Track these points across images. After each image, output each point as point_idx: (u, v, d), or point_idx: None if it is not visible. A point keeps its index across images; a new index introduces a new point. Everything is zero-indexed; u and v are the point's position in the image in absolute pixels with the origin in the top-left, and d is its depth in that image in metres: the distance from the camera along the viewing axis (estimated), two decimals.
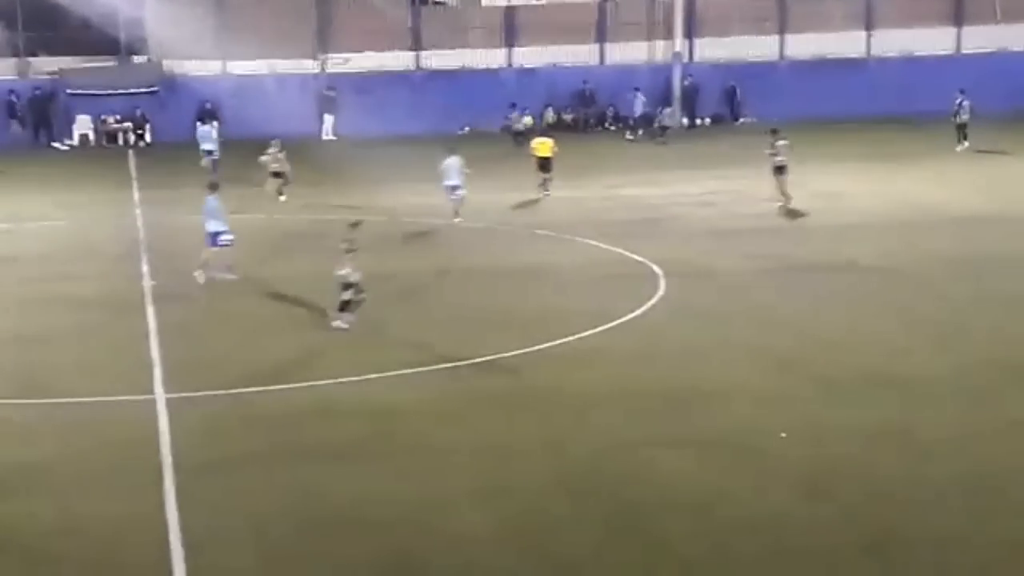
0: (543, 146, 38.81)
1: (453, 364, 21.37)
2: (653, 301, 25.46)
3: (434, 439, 18.04)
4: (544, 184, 38.36)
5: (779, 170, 35.59)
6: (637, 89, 55.72)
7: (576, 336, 22.96)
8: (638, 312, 24.66)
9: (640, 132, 54.13)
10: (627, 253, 29.86)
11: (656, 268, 28.01)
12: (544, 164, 38.43)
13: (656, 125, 53.05)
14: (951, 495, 15.64)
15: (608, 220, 34.20)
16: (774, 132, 36.41)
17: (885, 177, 41.07)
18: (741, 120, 57.58)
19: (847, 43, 59.28)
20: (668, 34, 57.98)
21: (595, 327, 23.46)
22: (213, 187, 28.38)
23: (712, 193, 38.46)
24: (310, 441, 18.02)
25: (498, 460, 17.20)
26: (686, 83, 57.45)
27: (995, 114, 50.34)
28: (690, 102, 57.74)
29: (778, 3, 59.55)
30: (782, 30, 59.58)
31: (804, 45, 58.94)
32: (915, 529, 14.71)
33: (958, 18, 59.83)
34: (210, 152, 43.63)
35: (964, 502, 15.43)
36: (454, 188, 33.82)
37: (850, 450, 17.17)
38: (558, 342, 22.59)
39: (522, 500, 15.87)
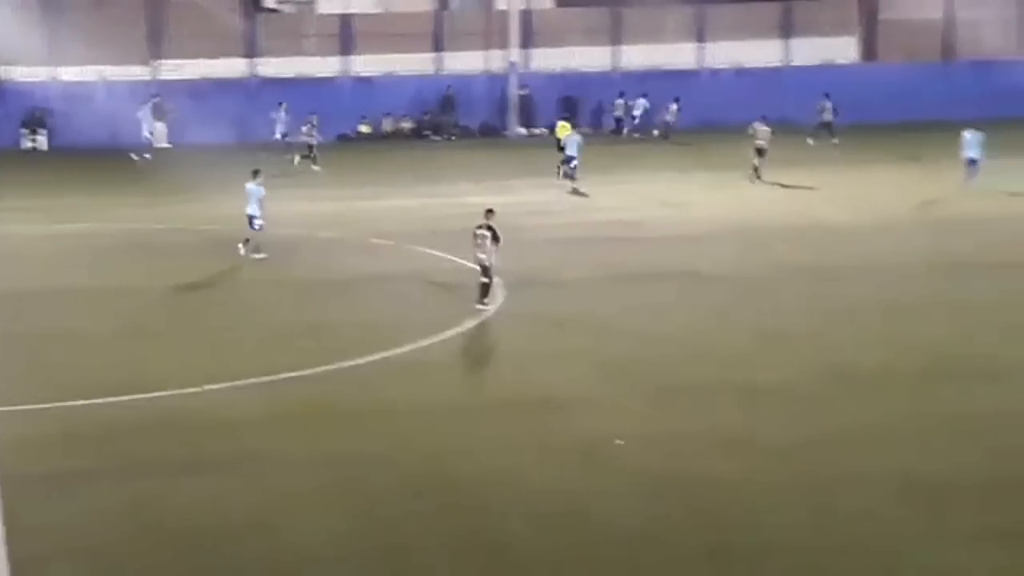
0: (563, 129, 43.57)
1: (291, 375, 21.09)
2: (490, 310, 25.49)
3: (272, 450, 17.78)
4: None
5: (759, 152, 40.77)
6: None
7: (414, 345, 22.85)
8: (475, 321, 24.66)
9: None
10: (466, 263, 29.83)
11: (496, 277, 28.05)
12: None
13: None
14: (788, 501, 15.87)
15: (447, 229, 34.08)
16: (763, 119, 42.03)
17: (725, 187, 41.66)
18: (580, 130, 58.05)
19: (679, 54, 60.26)
20: (504, 44, 58.27)
21: (434, 336, 23.38)
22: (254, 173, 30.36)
23: (553, 202, 38.71)
24: (143, 454, 17.63)
25: (339, 470, 17.01)
26: (522, 93, 57.77)
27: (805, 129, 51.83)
28: (527, 111, 58.09)
29: (612, 15, 60.26)
30: (616, 41, 60.30)
31: (638, 56, 59.71)
32: (754, 535, 14.89)
33: (786, 31, 61.26)
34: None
35: (801, 507, 15.67)
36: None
37: (688, 457, 17.33)
38: (396, 351, 22.45)
39: (365, 509, 15.73)
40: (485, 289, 25.18)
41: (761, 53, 60.36)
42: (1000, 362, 21.38)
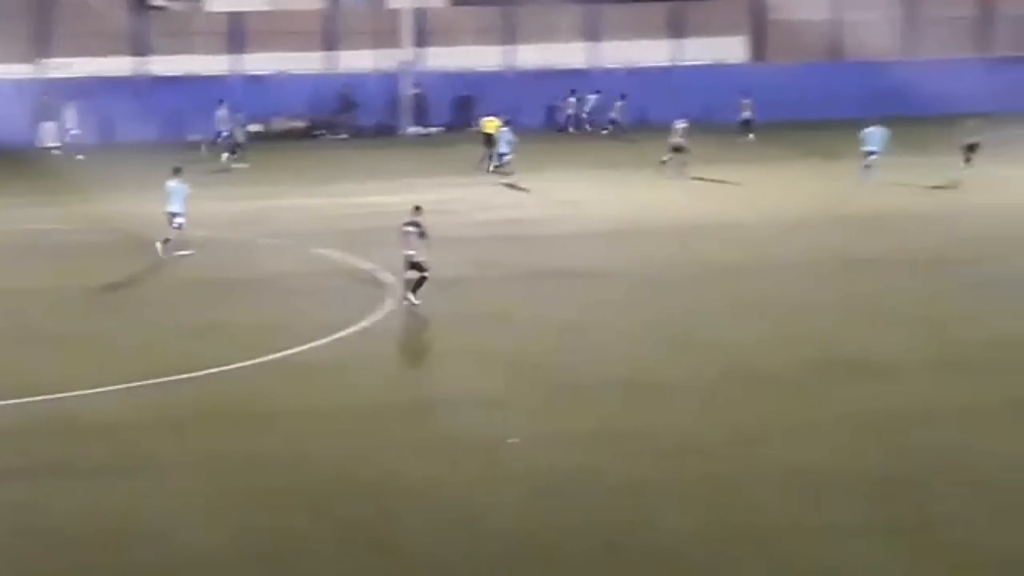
0: (490, 124, 44.46)
1: (181, 376, 20.83)
2: (385, 310, 25.41)
3: (160, 454, 17.55)
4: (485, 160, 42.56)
5: (676, 149, 42.16)
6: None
7: (307, 346, 22.69)
8: (371, 321, 24.55)
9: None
10: (361, 262, 29.72)
11: (389, 277, 27.98)
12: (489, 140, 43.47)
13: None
14: (684, 497, 15.99)
15: (341, 229, 33.98)
16: (683, 117, 42.90)
17: (620, 185, 41.87)
18: (472, 129, 58.06)
19: (572, 54, 60.55)
20: (398, 43, 58.10)
21: (326, 337, 23.24)
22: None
23: (450, 201, 38.65)
24: (26, 457, 17.34)
25: (228, 473, 16.86)
26: (416, 92, 57.66)
27: (716, 125, 52.26)
28: (421, 111, 57.99)
29: (505, 14, 60.38)
30: (510, 41, 60.43)
31: (532, 55, 59.90)
32: (650, 532, 14.97)
33: (677, 31, 61.83)
34: None
35: (696, 504, 15.79)
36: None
37: (585, 455, 17.38)
38: (288, 352, 22.29)
39: (257, 513, 15.59)
40: (417, 284, 25.15)
41: (652, 53, 60.86)
42: (894, 360, 21.65)
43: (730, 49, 61.81)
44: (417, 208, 25.72)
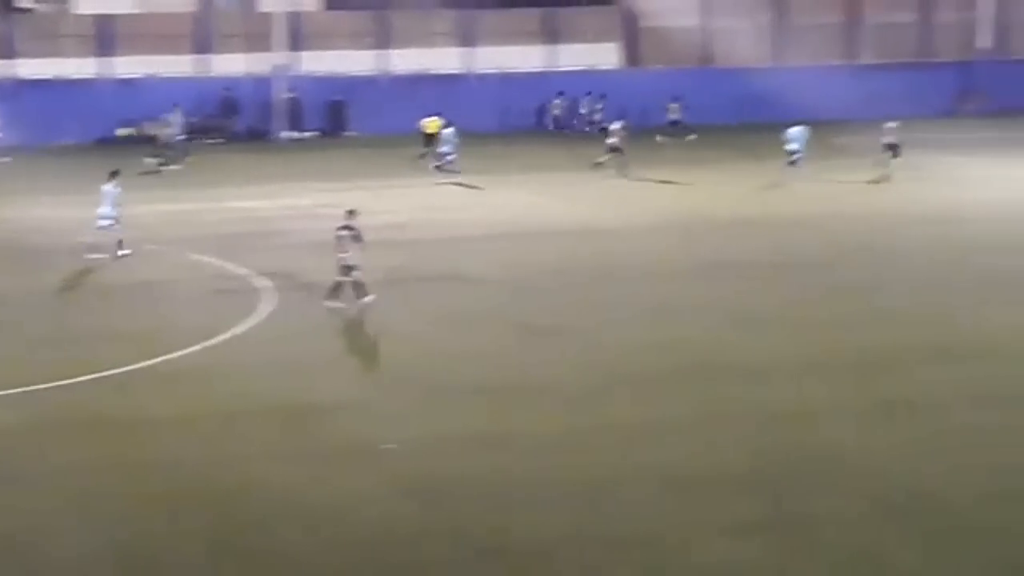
0: (432, 124, 45.38)
1: (50, 384, 20.49)
2: (260, 316, 25.21)
3: (26, 462, 17.28)
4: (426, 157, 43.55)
5: (613, 150, 43.04)
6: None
7: (180, 353, 22.46)
8: (244, 327, 24.35)
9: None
10: (234, 267, 29.45)
11: (264, 282, 27.77)
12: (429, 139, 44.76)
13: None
14: (559, 498, 16.10)
15: (217, 234, 33.61)
16: (620, 118, 44.61)
17: (495, 190, 41.96)
18: (347, 133, 57.83)
19: (447, 59, 60.58)
20: (271, 46, 57.60)
21: (200, 343, 23.01)
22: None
23: (323, 206, 38.41)
24: None
25: (96, 481, 16.66)
26: (289, 96, 57.23)
27: (582, 131, 52.75)
28: (295, 115, 57.56)
29: (379, 18, 60.21)
30: (384, 45, 60.25)
31: (406, 60, 59.79)
32: (527, 532, 15.08)
33: (551, 36, 62.18)
34: None
35: (569, 504, 15.91)
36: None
37: (459, 458, 17.45)
38: (161, 359, 22.04)
39: (124, 520, 15.43)
40: (355, 287, 25.11)
41: (527, 58, 61.14)
42: (764, 362, 22.01)
43: (603, 55, 62.31)
44: (351, 212, 25.70)
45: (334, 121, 58.14)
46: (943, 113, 60.14)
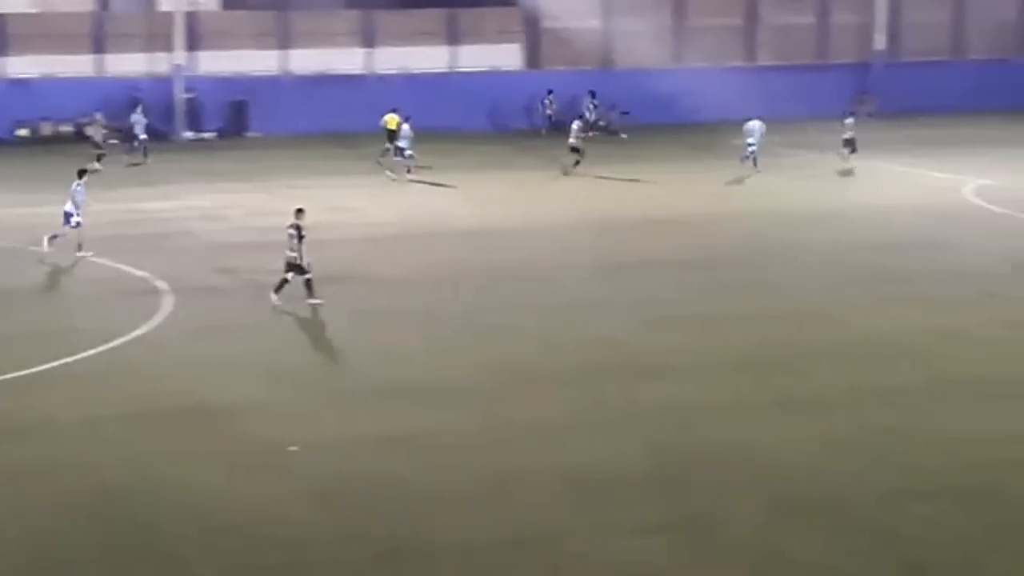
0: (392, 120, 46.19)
1: None
2: (163, 317, 25.01)
3: None
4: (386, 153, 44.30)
5: (573, 150, 43.51)
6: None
7: (81, 355, 22.22)
8: (146, 329, 24.13)
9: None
10: (133, 270, 29.13)
11: (163, 284, 27.53)
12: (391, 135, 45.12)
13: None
14: (459, 499, 16.18)
15: (116, 235, 33.16)
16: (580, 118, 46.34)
17: (398, 191, 41.79)
18: (248, 134, 57.38)
19: (348, 59, 60.36)
20: (169, 46, 56.98)
21: (101, 346, 22.78)
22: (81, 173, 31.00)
23: (224, 207, 38.19)
24: None
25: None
26: (189, 96, 56.67)
27: (487, 131, 52.91)
28: (195, 115, 57.01)
29: (279, 18, 59.83)
30: (285, 45, 59.89)
31: (307, 60, 59.48)
32: (426, 534, 15.14)
33: (453, 37, 62.23)
34: None
35: (472, 505, 16.00)
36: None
37: (362, 460, 17.47)
38: (60, 363, 21.79)
39: (19, 524, 15.31)
40: (306, 285, 25.40)
41: (429, 59, 61.13)
42: (666, 359, 22.24)
43: (505, 56, 62.49)
44: (299, 211, 25.78)
45: (235, 122, 57.60)
46: (840, 114, 61.07)
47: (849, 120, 45.16)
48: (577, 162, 44.04)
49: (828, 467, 17.28)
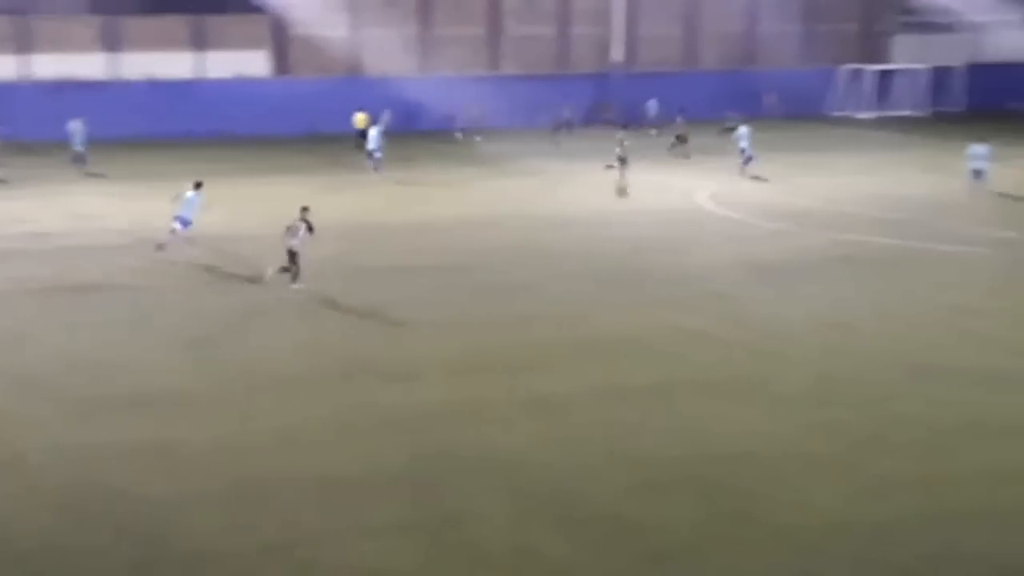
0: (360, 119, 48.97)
1: None
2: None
3: None
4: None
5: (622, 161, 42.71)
6: None
7: None
8: None
9: None
10: None
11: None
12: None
13: None
14: (215, 506, 16.21)
15: None
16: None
17: (141, 196, 41.13)
18: None
19: (91, 65, 59.20)
20: None
21: None
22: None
23: None
24: None
25: None
26: None
27: (239, 136, 52.45)
28: None
29: (17, 23, 58.27)
30: (25, 50, 58.38)
31: (49, 66, 58.11)
32: (180, 543, 15.15)
33: (199, 44, 61.67)
34: None
35: (226, 511, 16.07)
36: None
37: (109, 469, 17.35)
38: None
39: None
40: (294, 273, 27.62)
41: (175, 65, 60.41)
42: (411, 363, 22.49)
43: (253, 63, 62.26)
44: (305, 208, 28.20)
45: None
46: (581, 122, 62.89)
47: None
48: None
49: (569, 463, 17.71)
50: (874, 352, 23.47)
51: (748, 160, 46.35)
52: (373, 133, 45.59)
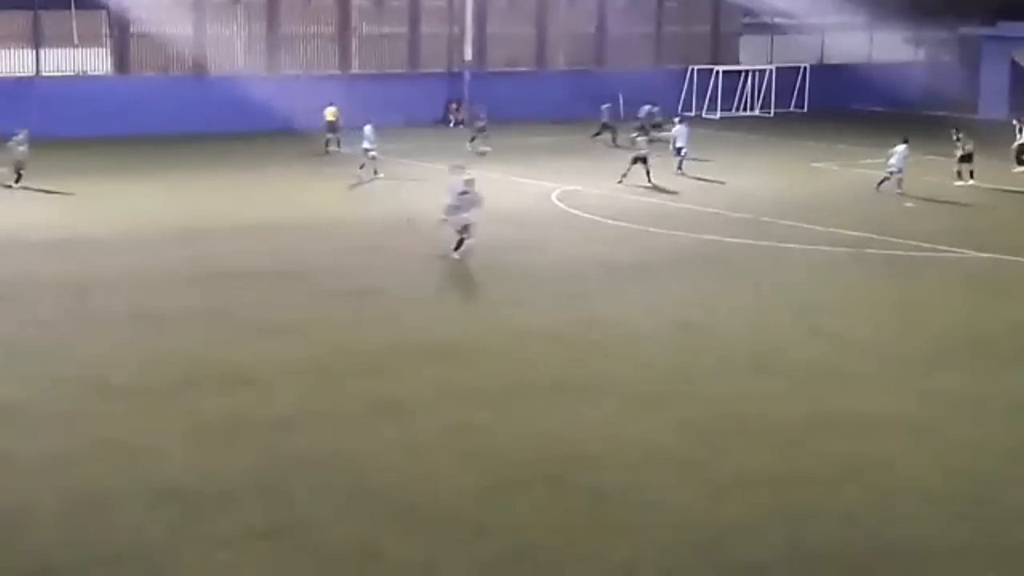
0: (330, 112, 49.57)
1: None
2: None
3: None
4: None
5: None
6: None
7: None
8: None
9: None
10: None
11: None
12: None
13: None
14: (57, 520, 15.67)
15: None
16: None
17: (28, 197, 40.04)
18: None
19: None
20: None
21: None
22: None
23: None
24: None
25: None
26: None
27: (70, 139, 51.36)
28: None
29: None
30: None
31: None
32: (18, 560, 14.64)
33: (36, 40, 60.00)
34: None
35: (72, 526, 15.57)
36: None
37: None
38: None
39: None
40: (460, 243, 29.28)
41: (11, 62, 58.79)
42: (255, 369, 22.11)
43: (92, 60, 60.81)
44: (469, 180, 30.58)
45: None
46: (433, 122, 62.88)
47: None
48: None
49: (419, 467, 17.63)
50: (725, 350, 23.78)
51: (683, 160, 46.70)
52: (368, 131, 44.54)
